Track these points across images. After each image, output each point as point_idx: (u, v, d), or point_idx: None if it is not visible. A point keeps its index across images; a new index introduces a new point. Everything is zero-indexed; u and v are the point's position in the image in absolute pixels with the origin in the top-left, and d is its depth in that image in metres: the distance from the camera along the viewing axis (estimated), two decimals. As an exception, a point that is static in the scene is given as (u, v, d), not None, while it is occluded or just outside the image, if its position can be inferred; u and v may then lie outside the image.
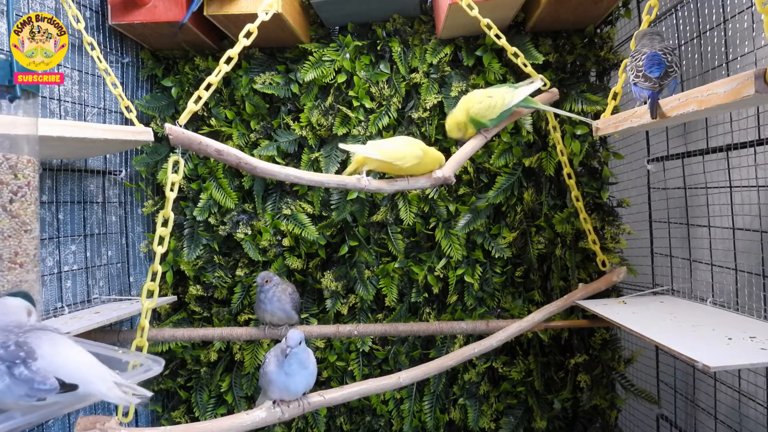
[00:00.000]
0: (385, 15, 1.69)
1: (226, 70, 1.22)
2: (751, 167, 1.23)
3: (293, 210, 1.73)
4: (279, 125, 1.75)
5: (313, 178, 1.23)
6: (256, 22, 1.25)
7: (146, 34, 1.64)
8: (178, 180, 1.14)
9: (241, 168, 1.13)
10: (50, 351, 0.71)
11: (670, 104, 1.04)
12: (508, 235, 1.68)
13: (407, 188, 1.33)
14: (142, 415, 1.81)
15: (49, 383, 0.67)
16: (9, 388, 0.66)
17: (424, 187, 1.35)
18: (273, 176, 1.17)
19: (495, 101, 1.34)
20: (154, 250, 1.12)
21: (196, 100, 1.19)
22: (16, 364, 0.67)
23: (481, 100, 1.35)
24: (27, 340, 0.70)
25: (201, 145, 1.08)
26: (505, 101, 1.34)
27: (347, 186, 1.26)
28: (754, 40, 1.20)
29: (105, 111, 1.64)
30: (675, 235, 1.54)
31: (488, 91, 1.38)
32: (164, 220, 1.13)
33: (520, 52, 1.48)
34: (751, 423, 1.28)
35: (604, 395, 1.70)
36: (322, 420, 1.76)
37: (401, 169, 1.26)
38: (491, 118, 1.35)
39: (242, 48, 1.23)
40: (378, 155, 1.23)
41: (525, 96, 1.37)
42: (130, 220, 1.79)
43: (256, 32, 1.25)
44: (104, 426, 0.88)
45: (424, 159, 1.25)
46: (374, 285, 1.73)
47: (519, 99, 1.36)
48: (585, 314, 1.53)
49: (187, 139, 1.07)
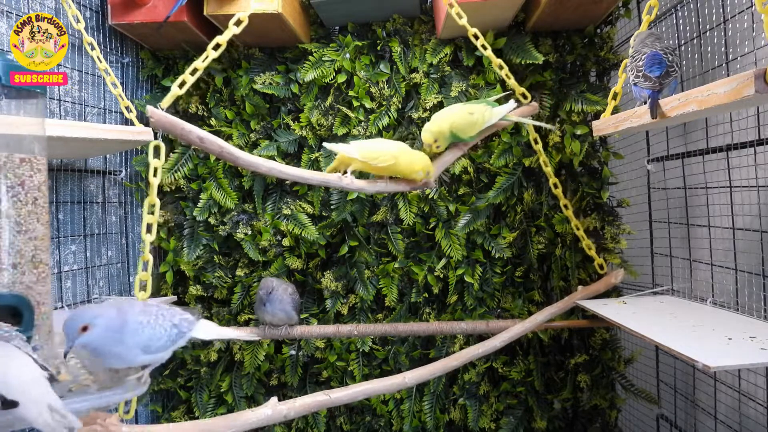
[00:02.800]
0: (385, 15, 1.69)
1: (213, 56, 1.22)
2: (751, 167, 1.23)
3: (293, 210, 1.73)
4: (279, 125, 1.75)
5: (295, 174, 1.21)
6: (248, 11, 1.25)
7: (146, 34, 1.64)
8: (161, 165, 1.13)
9: (224, 158, 1.12)
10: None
11: (670, 104, 1.04)
12: (508, 235, 1.68)
13: (386, 190, 1.33)
14: (142, 415, 1.81)
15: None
16: None
17: (404, 189, 1.35)
18: (255, 168, 1.16)
19: (476, 118, 1.35)
20: (143, 238, 1.12)
21: (181, 84, 1.19)
22: None
23: (463, 116, 1.36)
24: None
25: (183, 130, 1.06)
26: (485, 119, 1.37)
27: (330, 183, 1.25)
28: (754, 40, 1.20)
29: (105, 111, 1.64)
30: (675, 235, 1.54)
31: (469, 107, 1.38)
32: (151, 207, 1.12)
33: (504, 64, 1.48)
34: (751, 423, 1.28)
35: (604, 395, 1.70)
36: (322, 420, 1.76)
37: (379, 169, 1.25)
38: (471, 134, 1.37)
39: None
40: (355, 154, 1.24)
41: (504, 112, 1.41)
42: (130, 220, 1.79)
43: (247, 21, 1.25)
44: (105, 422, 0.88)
45: (400, 159, 1.24)
46: (374, 285, 1.73)
47: (497, 118, 1.40)
48: (585, 314, 1.53)
49: (169, 123, 1.04)
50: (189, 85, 1.20)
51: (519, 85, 1.52)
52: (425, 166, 1.27)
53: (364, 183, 1.28)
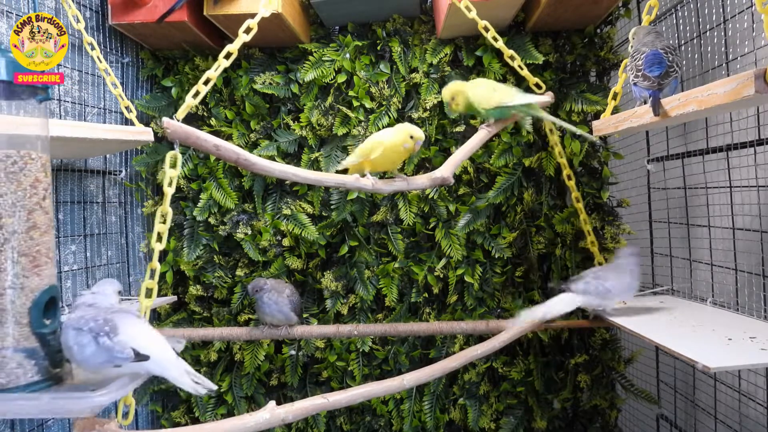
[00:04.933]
0: (385, 15, 1.69)
1: (225, 65, 1.22)
2: (751, 167, 1.23)
3: (293, 210, 1.73)
4: (279, 125, 1.75)
5: (312, 177, 1.22)
6: (256, 18, 1.25)
7: (146, 34, 1.64)
8: (176, 175, 1.13)
9: (240, 165, 1.12)
10: (131, 330, 0.87)
11: (670, 104, 1.04)
12: (508, 235, 1.68)
13: (407, 189, 1.32)
14: (142, 415, 1.81)
15: (126, 353, 0.83)
16: (93, 354, 0.83)
17: (424, 187, 1.35)
18: (271, 174, 1.16)
19: (496, 94, 1.33)
20: (153, 247, 1.12)
21: (195, 95, 1.19)
22: (100, 335, 0.84)
23: (486, 87, 1.34)
24: (113, 318, 0.87)
25: (199, 140, 1.07)
26: (505, 98, 1.34)
27: (346, 185, 1.26)
28: (754, 40, 1.20)
29: (105, 111, 1.64)
30: (675, 235, 1.54)
31: (495, 84, 1.38)
32: (163, 216, 1.13)
33: (516, 55, 1.48)
34: (751, 423, 1.28)
35: (604, 395, 1.70)
36: (322, 420, 1.76)
37: (382, 161, 1.24)
38: (486, 107, 1.34)
39: (242, 44, 1.23)
40: (355, 159, 1.25)
41: (529, 101, 1.35)
42: (130, 220, 1.79)
43: (256, 28, 1.25)
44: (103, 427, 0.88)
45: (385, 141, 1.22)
46: (374, 285, 1.73)
47: (521, 101, 1.35)
48: (585, 314, 1.53)
49: (185, 133, 1.05)
50: (202, 95, 1.19)
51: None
52: (406, 132, 1.23)
53: (382, 183, 1.28)
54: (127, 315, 0.90)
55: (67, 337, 0.85)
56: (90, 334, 0.84)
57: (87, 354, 0.84)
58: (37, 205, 0.87)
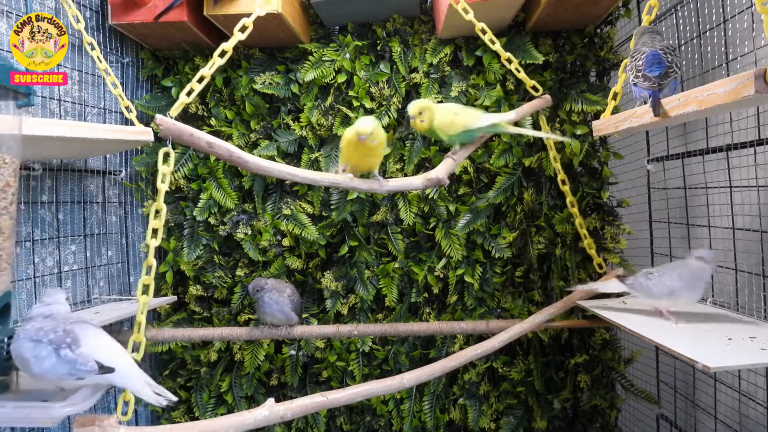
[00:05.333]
0: (385, 15, 1.69)
1: (220, 63, 1.22)
2: (751, 167, 1.23)
3: (293, 210, 1.73)
4: (279, 125, 1.75)
5: (306, 176, 1.22)
6: (252, 17, 1.25)
7: (146, 34, 1.64)
8: (169, 171, 1.13)
9: (233, 162, 1.12)
10: (93, 342, 0.86)
11: (670, 104, 1.04)
12: (508, 235, 1.68)
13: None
14: (142, 415, 1.81)
15: (89, 365, 0.82)
16: (54, 366, 0.82)
17: (418, 187, 1.35)
18: (264, 171, 1.16)
19: (458, 120, 1.29)
20: (148, 243, 1.12)
21: (189, 92, 1.19)
22: (62, 347, 0.82)
23: (447, 115, 1.29)
24: (74, 329, 0.85)
25: (192, 137, 1.06)
26: (467, 123, 1.30)
27: (340, 185, 1.25)
28: (754, 40, 1.20)
29: (105, 111, 1.64)
30: (675, 235, 1.54)
31: (457, 107, 1.34)
32: (157, 212, 1.12)
33: (514, 58, 1.48)
34: (751, 423, 1.28)
35: (604, 395, 1.70)
36: (322, 420, 1.76)
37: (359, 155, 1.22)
38: (450, 134, 1.30)
39: (237, 42, 1.23)
40: (342, 159, 1.26)
41: (490, 123, 1.32)
42: (130, 220, 1.79)
43: (252, 27, 1.25)
44: (103, 424, 0.88)
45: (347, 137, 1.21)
46: (374, 285, 1.73)
47: (483, 125, 1.31)
48: (585, 314, 1.53)
49: (178, 130, 1.05)
50: (196, 93, 1.20)
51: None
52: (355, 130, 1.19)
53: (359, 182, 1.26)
54: (87, 326, 0.89)
55: (22, 348, 0.82)
56: (50, 346, 0.82)
57: (46, 366, 0.82)
58: (4, 209, 0.87)
